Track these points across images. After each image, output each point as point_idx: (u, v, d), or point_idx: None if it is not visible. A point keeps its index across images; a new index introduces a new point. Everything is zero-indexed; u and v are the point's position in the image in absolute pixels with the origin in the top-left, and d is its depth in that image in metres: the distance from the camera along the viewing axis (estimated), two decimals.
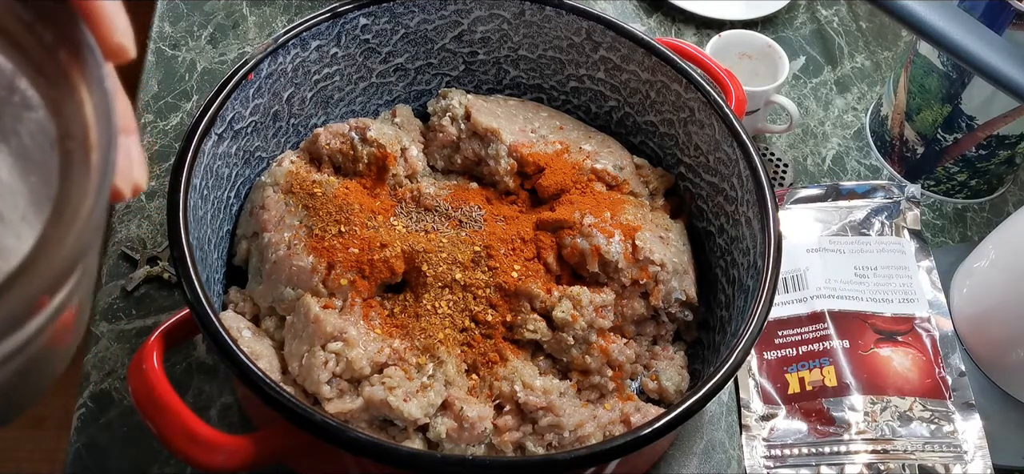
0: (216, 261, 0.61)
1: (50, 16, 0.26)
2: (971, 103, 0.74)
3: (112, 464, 0.59)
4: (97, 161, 0.25)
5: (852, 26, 0.99)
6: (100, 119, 0.26)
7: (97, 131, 0.26)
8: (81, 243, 0.24)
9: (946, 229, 0.81)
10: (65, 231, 0.24)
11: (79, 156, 0.25)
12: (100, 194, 0.25)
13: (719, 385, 0.49)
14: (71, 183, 0.25)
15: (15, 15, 0.26)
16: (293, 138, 0.67)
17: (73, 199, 0.25)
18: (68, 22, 0.27)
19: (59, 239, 0.24)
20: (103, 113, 0.26)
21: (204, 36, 0.87)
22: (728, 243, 0.63)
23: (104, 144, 0.25)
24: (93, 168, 0.25)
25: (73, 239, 0.24)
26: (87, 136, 0.26)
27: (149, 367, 0.45)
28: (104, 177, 0.25)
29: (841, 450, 0.64)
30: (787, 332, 0.69)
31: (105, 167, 0.25)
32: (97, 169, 0.25)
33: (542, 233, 0.62)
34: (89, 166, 0.25)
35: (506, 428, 0.55)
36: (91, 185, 0.25)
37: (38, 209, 0.26)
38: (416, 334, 0.56)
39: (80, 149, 0.25)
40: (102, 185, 0.25)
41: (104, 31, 0.27)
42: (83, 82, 0.26)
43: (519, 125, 0.69)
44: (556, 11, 0.68)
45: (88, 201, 0.25)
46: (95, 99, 0.26)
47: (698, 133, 0.65)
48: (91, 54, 0.26)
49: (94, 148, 0.25)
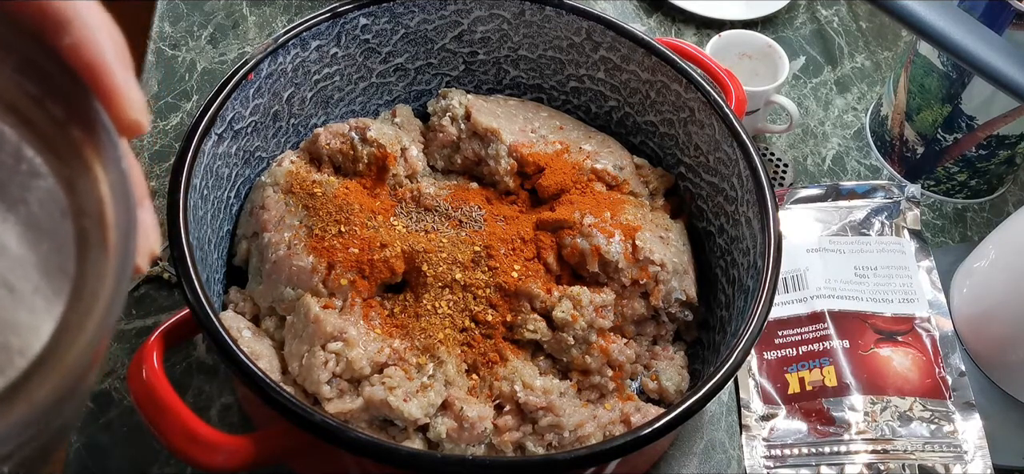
0: (216, 261, 0.61)
1: (60, 91, 0.25)
2: (971, 103, 0.74)
3: (112, 464, 0.59)
4: (116, 243, 0.24)
5: (852, 26, 0.99)
6: (118, 200, 0.25)
7: (114, 211, 0.25)
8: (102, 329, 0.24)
9: (946, 229, 0.81)
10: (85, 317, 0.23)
11: (95, 235, 0.25)
12: (121, 280, 0.24)
13: (719, 385, 0.49)
14: (89, 264, 0.24)
15: (23, 90, 0.25)
16: (293, 138, 0.67)
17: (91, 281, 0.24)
18: (80, 98, 0.25)
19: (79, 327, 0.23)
20: (121, 194, 0.25)
21: (204, 36, 0.87)
22: (728, 243, 0.63)
23: (123, 229, 0.25)
24: (111, 248, 0.24)
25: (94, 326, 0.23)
26: (103, 214, 0.25)
27: (149, 367, 0.45)
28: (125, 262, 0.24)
29: (841, 450, 0.64)
30: (787, 332, 0.69)
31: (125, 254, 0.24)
32: (116, 250, 0.24)
33: (542, 233, 0.62)
34: (107, 246, 0.24)
35: (506, 428, 0.55)
36: (110, 267, 0.24)
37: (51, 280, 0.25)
38: (416, 334, 0.56)
39: (96, 228, 0.25)
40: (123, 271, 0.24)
41: (118, 107, 0.26)
42: (98, 159, 0.25)
43: (519, 125, 0.69)
44: (556, 11, 0.68)
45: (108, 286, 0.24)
46: (111, 178, 0.25)
47: (698, 133, 0.65)
48: (106, 133, 0.25)
49: (111, 228, 0.25)
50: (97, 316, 0.24)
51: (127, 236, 0.25)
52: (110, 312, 0.24)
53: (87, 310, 0.24)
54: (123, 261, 0.24)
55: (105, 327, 0.24)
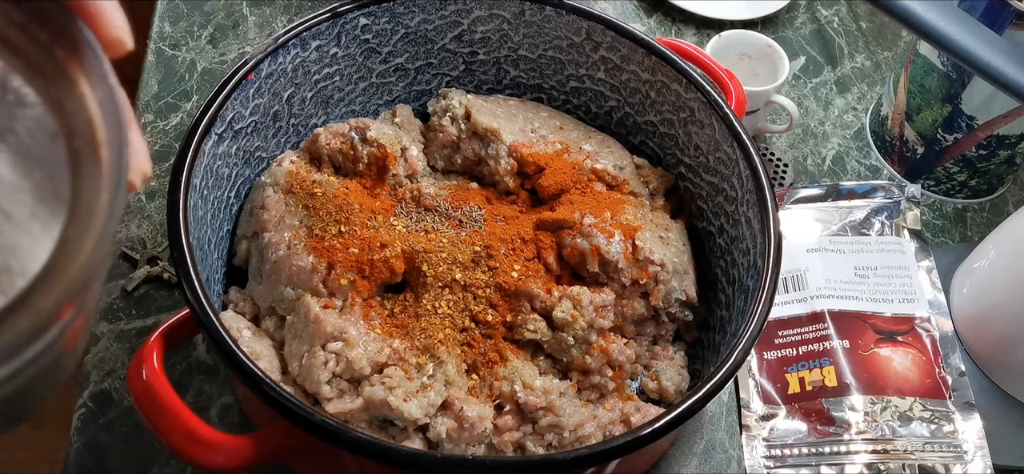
0: (216, 261, 0.61)
1: (44, 16, 0.26)
2: (971, 103, 0.74)
3: (112, 464, 0.59)
4: (108, 158, 0.25)
5: (852, 26, 0.99)
6: (107, 115, 0.26)
7: (105, 128, 0.25)
8: (102, 243, 0.24)
9: (946, 229, 0.81)
10: (83, 232, 0.24)
11: (87, 153, 0.25)
12: (118, 192, 0.25)
13: (719, 385, 0.49)
14: (83, 181, 0.25)
15: (6, 17, 0.26)
16: (293, 138, 0.67)
17: (87, 198, 0.25)
18: (63, 20, 0.26)
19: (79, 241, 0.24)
20: (110, 109, 0.26)
21: (204, 36, 0.87)
22: (728, 243, 0.63)
23: (115, 141, 0.25)
24: (104, 164, 0.25)
25: (93, 240, 0.24)
26: (94, 132, 0.25)
27: (149, 367, 0.45)
28: (119, 175, 0.25)
29: (841, 450, 0.64)
30: (787, 332, 0.69)
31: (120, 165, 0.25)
32: (110, 166, 0.25)
33: (542, 233, 0.62)
34: (99, 163, 0.25)
35: (506, 428, 0.55)
36: (104, 182, 0.25)
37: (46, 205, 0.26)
38: (416, 334, 0.56)
39: (87, 146, 0.25)
40: (118, 183, 0.25)
41: (101, 26, 0.27)
42: (84, 78, 0.26)
43: (519, 125, 0.69)
44: (556, 11, 0.68)
45: (104, 199, 0.25)
46: (99, 94, 0.26)
47: (698, 133, 0.65)
48: (91, 49, 0.26)
49: (103, 144, 0.25)
50: (96, 229, 0.24)
51: (119, 150, 0.25)
52: (108, 225, 0.24)
53: (86, 225, 0.24)
54: (117, 174, 0.25)
55: (104, 240, 0.24)
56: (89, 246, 0.24)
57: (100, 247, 0.24)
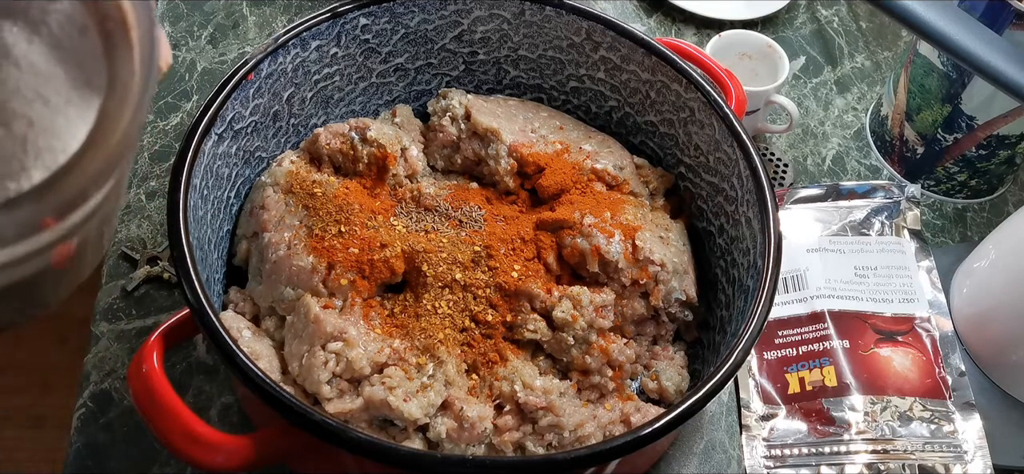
0: (216, 261, 0.61)
1: None
2: (971, 103, 0.74)
3: (112, 464, 0.59)
4: (140, 38, 0.28)
5: (852, 26, 0.99)
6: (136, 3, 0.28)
7: (134, 12, 0.28)
8: (139, 113, 0.27)
9: (946, 229, 0.81)
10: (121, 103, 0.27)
11: (120, 36, 0.28)
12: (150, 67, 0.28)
13: (719, 385, 0.49)
14: (118, 61, 0.28)
15: None
16: (293, 138, 0.67)
17: (122, 75, 0.28)
18: None
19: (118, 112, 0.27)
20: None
21: (204, 36, 0.87)
22: (728, 243, 0.63)
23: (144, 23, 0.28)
24: (135, 45, 0.28)
25: (131, 109, 0.27)
26: (124, 16, 0.28)
27: (149, 367, 0.45)
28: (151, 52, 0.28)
29: (841, 450, 0.64)
30: (787, 332, 0.69)
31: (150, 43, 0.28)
32: (141, 45, 0.28)
33: (542, 233, 0.62)
34: (131, 44, 0.28)
35: (506, 428, 0.55)
36: (136, 60, 0.28)
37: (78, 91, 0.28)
38: (416, 334, 0.56)
39: (120, 29, 0.28)
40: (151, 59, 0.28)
41: None
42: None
43: (519, 125, 0.69)
44: (556, 11, 0.68)
45: (138, 74, 0.28)
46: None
47: (698, 133, 0.65)
48: None
49: (133, 27, 0.28)
50: (132, 100, 0.27)
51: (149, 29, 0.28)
52: (143, 96, 0.27)
53: (123, 98, 0.27)
54: (148, 53, 0.28)
55: (139, 113, 0.27)
56: (128, 115, 0.27)
57: (137, 117, 0.27)
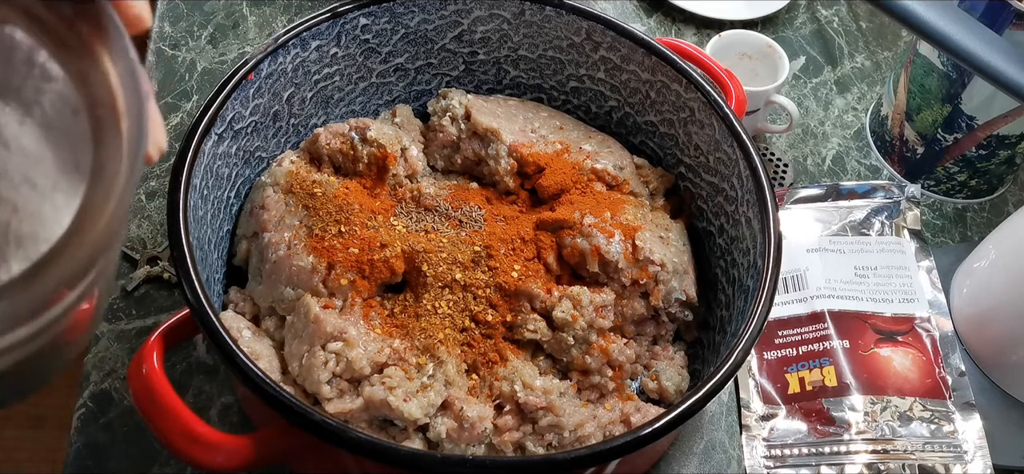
0: (216, 261, 0.61)
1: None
2: (971, 103, 0.74)
3: (112, 464, 0.59)
4: (128, 128, 0.27)
5: (852, 26, 0.99)
6: (127, 87, 0.27)
7: (125, 99, 0.27)
8: (121, 207, 0.26)
9: (946, 229, 0.81)
10: (105, 196, 0.26)
11: (110, 123, 0.27)
12: (136, 159, 0.27)
13: (719, 385, 0.49)
14: (105, 150, 0.27)
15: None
16: (293, 138, 0.67)
17: (108, 165, 0.26)
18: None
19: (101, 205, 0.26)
20: (130, 82, 0.27)
21: (204, 36, 0.87)
22: (728, 243, 0.63)
23: (135, 112, 0.27)
24: (124, 134, 0.27)
25: (114, 203, 0.26)
26: (115, 104, 0.27)
27: (149, 367, 0.45)
28: (139, 143, 0.27)
29: (841, 450, 0.64)
30: (787, 332, 0.69)
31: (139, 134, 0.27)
32: (129, 135, 0.27)
33: (542, 233, 0.62)
34: (120, 133, 0.27)
35: (506, 428, 0.55)
36: (124, 150, 0.27)
37: (67, 176, 0.27)
38: (416, 334, 0.56)
39: (110, 116, 0.27)
40: (137, 151, 0.27)
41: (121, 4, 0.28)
42: (106, 52, 0.27)
43: (519, 125, 0.69)
44: (556, 11, 0.68)
45: (124, 166, 0.26)
46: (119, 68, 0.27)
47: (698, 133, 0.65)
48: (112, 25, 0.28)
49: (123, 115, 0.27)
50: (116, 194, 0.26)
51: (139, 119, 0.27)
52: (127, 190, 0.26)
53: (107, 191, 0.26)
54: (136, 144, 0.27)
55: (123, 205, 0.26)
56: (110, 209, 0.26)
57: (119, 210, 0.26)
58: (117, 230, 0.26)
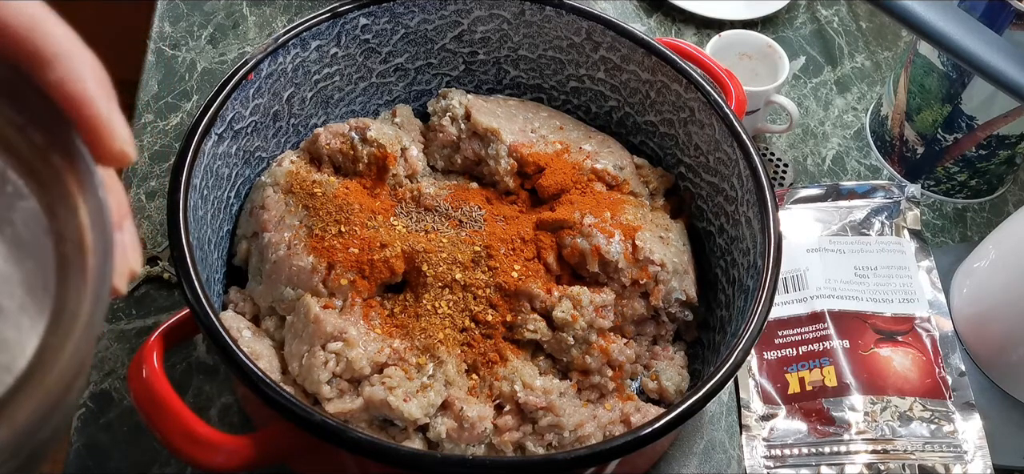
0: (216, 261, 0.61)
1: (42, 120, 0.26)
2: (971, 103, 0.74)
3: (112, 464, 0.59)
4: (93, 267, 0.25)
5: (852, 26, 0.99)
6: (96, 227, 0.26)
7: (92, 237, 0.25)
8: (80, 351, 0.24)
9: (946, 229, 0.81)
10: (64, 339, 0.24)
11: (75, 259, 0.25)
12: (98, 304, 0.25)
13: (719, 385, 0.49)
14: (68, 287, 0.25)
15: (7, 118, 0.26)
16: (293, 138, 0.67)
17: (71, 303, 0.25)
18: (60, 127, 0.26)
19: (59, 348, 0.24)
20: (98, 222, 0.26)
21: (204, 36, 0.87)
22: (728, 243, 0.63)
23: (100, 255, 0.25)
24: (89, 272, 0.25)
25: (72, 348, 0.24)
26: (83, 240, 0.25)
27: (149, 367, 0.45)
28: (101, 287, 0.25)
29: (841, 450, 0.64)
30: (787, 332, 0.69)
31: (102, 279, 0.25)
32: (94, 275, 0.25)
33: (542, 233, 0.62)
34: (85, 270, 0.25)
35: (506, 428, 0.55)
36: (88, 291, 0.25)
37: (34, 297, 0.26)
38: (416, 334, 0.56)
39: (76, 252, 0.25)
40: (99, 295, 0.25)
41: (104, 139, 0.26)
42: (77, 187, 0.26)
43: (519, 125, 0.69)
44: (556, 11, 0.68)
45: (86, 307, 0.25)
46: (90, 205, 0.26)
47: (698, 133, 0.65)
48: (84, 162, 0.26)
49: (90, 252, 0.25)
50: (75, 338, 0.24)
51: (104, 262, 0.25)
52: (87, 335, 0.25)
53: (66, 332, 0.24)
54: (100, 286, 0.25)
55: (83, 349, 0.25)
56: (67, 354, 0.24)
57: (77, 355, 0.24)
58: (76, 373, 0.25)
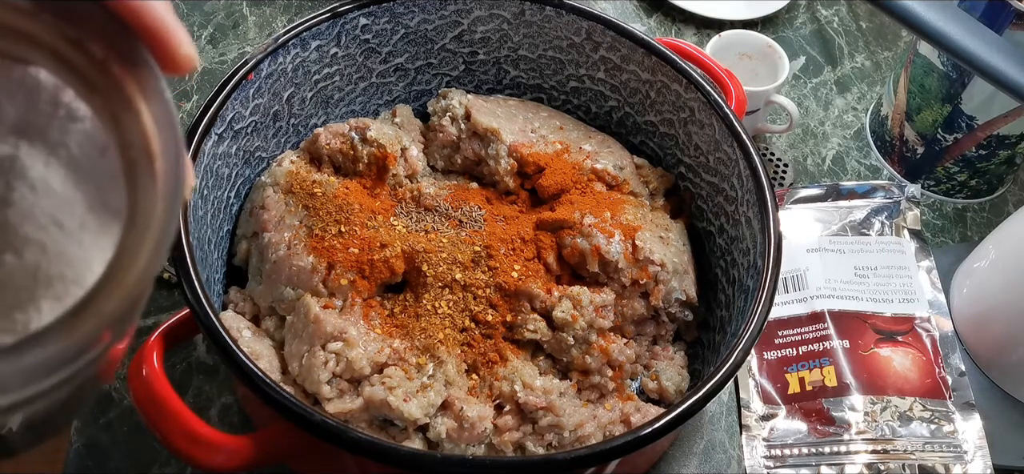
0: (216, 261, 0.61)
1: (99, 32, 0.26)
2: (971, 103, 0.74)
3: (112, 464, 0.59)
4: (164, 170, 0.26)
5: (852, 26, 0.99)
6: (164, 129, 0.26)
7: (160, 141, 0.26)
8: (159, 252, 0.25)
9: (946, 229, 0.81)
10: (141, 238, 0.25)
11: (143, 165, 0.26)
12: (174, 201, 0.26)
13: (719, 385, 0.49)
14: (138, 192, 0.26)
15: (61, 34, 0.26)
16: (293, 138, 0.67)
17: (143, 208, 0.26)
18: (119, 36, 0.27)
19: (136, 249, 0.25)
20: (167, 124, 0.26)
21: (204, 36, 0.87)
22: (728, 243, 0.63)
23: (172, 154, 0.26)
24: (159, 176, 0.26)
25: (151, 248, 0.25)
26: (149, 146, 0.26)
27: (149, 367, 0.45)
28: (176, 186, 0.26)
29: (841, 450, 0.64)
30: (787, 332, 0.69)
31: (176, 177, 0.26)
32: (165, 178, 0.26)
33: (542, 233, 0.62)
34: (154, 175, 0.26)
35: (506, 428, 0.55)
36: (160, 192, 0.26)
37: (95, 215, 0.27)
38: (416, 334, 0.56)
39: (144, 158, 0.26)
40: (176, 193, 0.26)
41: (170, 44, 0.27)
42: (140, 94, 0.26)
43: (519, 125, 0.69)
44: (556, 11, 0.68)
45: (160, 209, 0.25)
46: (155, 110, 0.26)
47: (698, 133, 0.65)
48: (147, 68, 0.27)
49: (157, 156, 0.26)
50: (153, 236, 0.25)
51: (176, 161, 0.26)
52: (165, 235, 0.25)
53: (143, 234, 0.25)
54: (174, 185, 0.26)
55: (161, 249, 0.25)
56: (147, 254, 0.25)
57: (157, 255, 0.25)
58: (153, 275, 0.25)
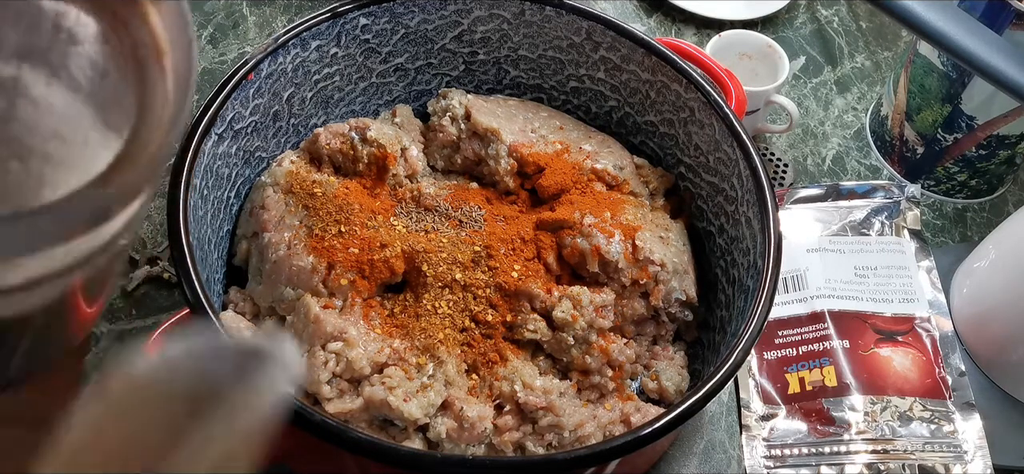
0: (216, 261, 0.61)
1: None
2: (971, 103, 0.74)
3: None
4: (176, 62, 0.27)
5: (852, 26, 0.99)
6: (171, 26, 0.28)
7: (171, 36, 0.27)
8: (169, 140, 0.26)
9: (946, 229, 0.81)
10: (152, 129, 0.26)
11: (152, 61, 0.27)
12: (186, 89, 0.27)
13: (719, 385, 0.49)
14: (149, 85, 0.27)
15: None
16: (293, 138, 0.67)
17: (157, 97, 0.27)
18: None
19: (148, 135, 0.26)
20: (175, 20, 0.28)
21: (204, 36, 0.87)
22: (728, 243, 0.63)
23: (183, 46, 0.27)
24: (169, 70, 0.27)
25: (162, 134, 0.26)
26: (157, 42, 0.27)
27: None
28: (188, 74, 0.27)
29: (841, 450, 0.64)
30: (787, 332, 0.69)
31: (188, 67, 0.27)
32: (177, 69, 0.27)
33: (542, 233, 0.62)
34: (164, 69, 0.27)
35: (506, 428, 0.55)
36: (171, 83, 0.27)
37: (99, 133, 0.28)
38: (416, 334, 0.56)
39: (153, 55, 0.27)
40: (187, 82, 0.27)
41: None
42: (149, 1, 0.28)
43: (519, 125, 0.69)
44: (556, 11, 0.68)
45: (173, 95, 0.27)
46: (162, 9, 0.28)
47: (698, 133, 0.65)
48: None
49: (167, 52, 0.27)
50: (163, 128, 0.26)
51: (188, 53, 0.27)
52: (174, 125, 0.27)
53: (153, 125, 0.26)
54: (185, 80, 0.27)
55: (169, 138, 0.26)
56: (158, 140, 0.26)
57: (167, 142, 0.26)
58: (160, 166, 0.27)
